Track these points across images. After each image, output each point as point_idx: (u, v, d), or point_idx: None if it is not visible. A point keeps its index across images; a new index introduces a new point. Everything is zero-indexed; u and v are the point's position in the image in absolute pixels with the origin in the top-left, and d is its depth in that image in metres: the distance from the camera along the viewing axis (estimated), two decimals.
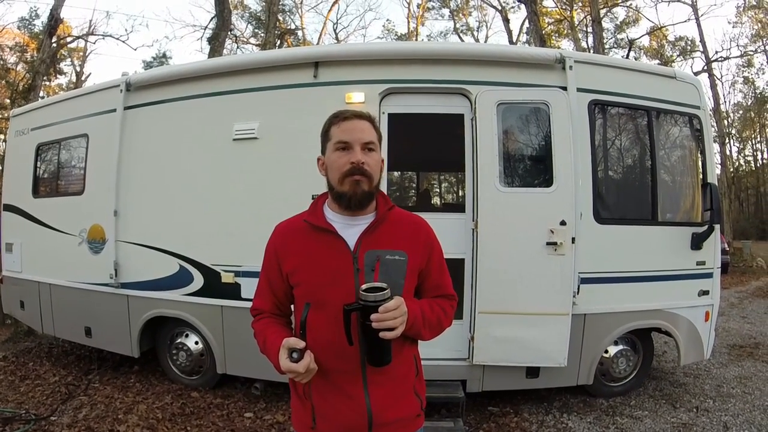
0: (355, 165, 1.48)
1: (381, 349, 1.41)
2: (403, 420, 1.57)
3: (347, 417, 1.50)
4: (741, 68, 30.15)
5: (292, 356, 1.40)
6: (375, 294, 1.36)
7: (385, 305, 1.35)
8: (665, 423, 3.98)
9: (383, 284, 1.39)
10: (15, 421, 3.90)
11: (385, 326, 1.35)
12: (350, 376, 1.49)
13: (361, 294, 1.37)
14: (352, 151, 1.49)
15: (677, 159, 4.57)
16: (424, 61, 4.12)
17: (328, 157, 1.54)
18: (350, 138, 1.50)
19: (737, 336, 6.92)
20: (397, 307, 1.37)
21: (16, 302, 5.81)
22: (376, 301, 1.35)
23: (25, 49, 22.10)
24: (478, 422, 4.05)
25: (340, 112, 1.57)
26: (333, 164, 1.52)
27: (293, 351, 1.40)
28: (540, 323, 3.78)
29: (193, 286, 4.37)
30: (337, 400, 1.50)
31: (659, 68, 5.18)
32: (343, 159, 1.49)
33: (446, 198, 27.31)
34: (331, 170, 1.53)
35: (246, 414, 4.14)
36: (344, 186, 1.50)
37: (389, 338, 1.37)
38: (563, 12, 23.30)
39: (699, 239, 4.21)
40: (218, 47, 12.58)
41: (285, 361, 1.40)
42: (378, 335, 1.36)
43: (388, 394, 1.53)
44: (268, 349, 1.52)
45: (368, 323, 1.35)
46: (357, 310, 1.38)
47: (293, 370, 1.39)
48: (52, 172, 5.53)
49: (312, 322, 1.48)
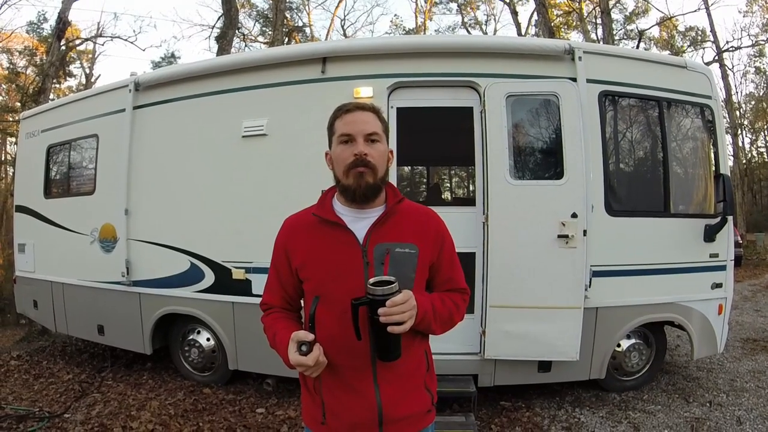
0: (357, 157, 1.47)
1: (390, 344, 1.40)
2: (414, 416, 1.55)
3: (357, 413, 1.48)
4: (752, 58, 29.69)
5: (300, 349, 1.38)
6: (382, 287, 1.34)
7: (392, 299, 1.33)
8: (678, 417, 3.94)
9: (391, 277, 1.37)
10: (29, 419, 3.95)
11: (393, 320, 1.33)
12: (359, 372, 1.48)
13: (368, 288, 1.35)
14: (355, 143, 1.48)
15: (689, 150, 4.51)
16: (432, 54, 4.10)
17: (333, 151, 1.54)
18: (353, 130, 1.49)
19: (751, 330, 6.84)
20: (406, 300, 1.35)
21: (30, 302, 5.87)
22: (383, 294, 1.33)
23: (34, 53, 22.26)
24: (490, 417, 4.03)
25: (344, 105, 1.56)
26: (337, 157, 1.51)
27: (302, 344, 1.39)
28: (552, 317, 3.76)
29: (204, 283, 4.39)
30: (347, 396, 1.49)
31: (670, 58, 5.11)
32: (346, 152, 1.49)
33: (457, 192, 27.22)
34: (336, 163, 1.52)
35: (258, 410, 4.16)
36: (348, 179, 1.49)
37: (398, 332, 1.35)
38: (572, 4, 23.10)
39: (712, 231, 4.16)
40: (226, 46, 12.64)
41: (294, 354, 1.39)
42: (386, 329, 1.34)
43: (399, 390, 1.51)
44: (278, 343, 1.51)
45: (376, 317, 1.34)
46: (365, 304, 1.36)
47: (302, 364, 1.38)
48: (63, 173, 5.57)
49: (320, 317, 1.48)
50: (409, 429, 1.55)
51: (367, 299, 1.36)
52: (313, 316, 1.46)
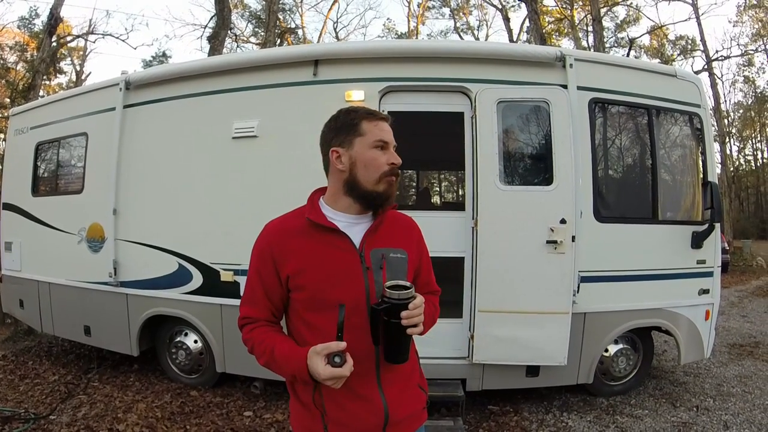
0: (394, 166, 1.49)
1: (403, 347, 1.43)
2: (413, 414, 1.58)
3: (365, 419, 1.47)
4: (741, 67, 30.21)
5: (334, 360, 1.32)
6: (400, 291, 1.37)
7: (414, 302, 1.37)
8: (665, 422, 3.97)
9: (406, 282, 1.41)
10: (14, 420, 3.90)
11: (414, 323, 1.37)
12: (364, 377, 1.46)
13: (387, 292, 1.37)
14: (389, 152, 1.50)
15: (678, 157, 4.57)
16: (424, 59, 4.11)
17: (363, 154, 1.48)
18: (389, 138, 1.51)
19: (737, 335, 6.92)
20: (423, 303, 1.40)
21: (16, 301, 5.80)
22: (403, 299, 1.36)
23: (25, 49, 22.11)
24: (478, 421, 4.04)
25: (372, 110, 1.55)
26: (371, 162, 1.47)
27: (334, 355, 1.32)
28: (540, 322, 3.77)
29: (192, 284, 4.36)
30: (353, 404, 1.46)
31: (660, 66, 5.16)
32: (383, 158, 1.48)
33: (446, 197, 27.32)
34: (366, 168, 1.48)
35: (245, 413, 4.13)
36: (380, 185, 1.48)
37: (415, 334, 1.40)
38: (564, 11, 23.31)
39: (699, 238, 4.20)
40: (218, 46, 12.59)
41: (326, 368, 1.31)
42: (405, 333, 1.37)
43: (401, 391, 1.53)
44: (279, 359, 1.42)
45: (394, 321, 1.36)
46: (384, 309, 1.37)
47: (338, 376, 1.31)
48: (51, 171, 5.52)
49: (321, 324, 1.43)
50: (409, 428, 1.57)
51: (388, 304, 1.36)
52: (341, 326, 1.37)
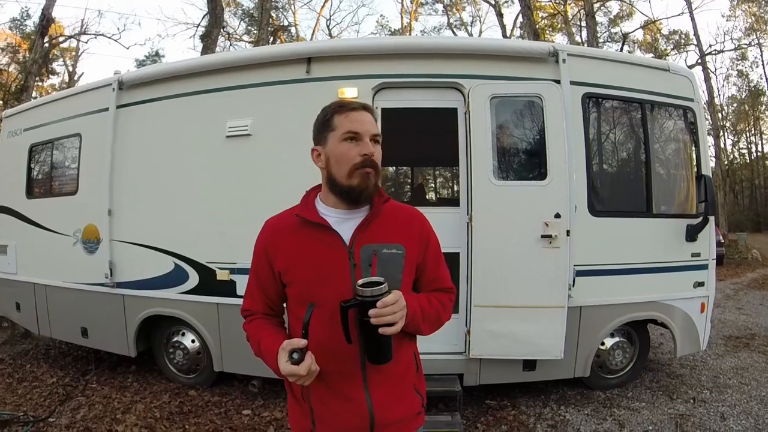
0: (366, 157, 1.42)
1: (381, 347, 1.36)
2: (405, 419, 1.53)
3: (348, 420, 1.44)
4: (735, 61, 30.35)
5: (292, 357, 1.32)
6: (372, 288, 1.31)
7: (383, 300, 1.30)
8: (662, 414, 4.00)
9: (380, 278, 1.34)
10: (13, 424, 3.89)
11: (384, 321, 1.30)
12: (349, 377, 1.44)
13: (357, 289, 1.32)
14: (362, 143, 1.43)
15: (671, 151, 4.58)
16: (417, 55, 4.10)
17: (334, 149, 1.45)
18: (361, 129, 1.43)
19: (733, 327, 6.96)
20: (396, 301, 1.32)
21: (12, 304, 5.76)
22: (373, 295, 1.30)
23: (16, 50, 21.92)
24: (476, 416, 4.06)
25: (345, 102, 1.51)
26: (341, 156, 1.43)
27: (294, 351, 1.32)
28: (536, 316, 3.79)
29: (188, 284, 4.35)
30: (336, 403, 1.45)
31: (653, 61, 5.17)
32: (353, 150, 1.42)
33: (441, 192, 27.29)
34: (338, 162, 1.44)
35: (244, 411, 4.13)
36: (353, 179, 1.43)
37: (389, 334, 1.32)
38: (557, 6, 23.34)
39: (694, 231, 4.22)
40: (211, 45, 12.56)
41: (285, 364, 1.32)
42: (377, 331, 1.31)
43: (390, 394, 1.48)
44: (264, 351, 1.46)
45: (366, 319, 1.30)
46: (354, 306, 1.33)
47: (294, 373, 1.31)
48: (45, 173, 5.49)
49: None
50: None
51: (357, 301, 1.32)
52: (307, 324, 1.36)
